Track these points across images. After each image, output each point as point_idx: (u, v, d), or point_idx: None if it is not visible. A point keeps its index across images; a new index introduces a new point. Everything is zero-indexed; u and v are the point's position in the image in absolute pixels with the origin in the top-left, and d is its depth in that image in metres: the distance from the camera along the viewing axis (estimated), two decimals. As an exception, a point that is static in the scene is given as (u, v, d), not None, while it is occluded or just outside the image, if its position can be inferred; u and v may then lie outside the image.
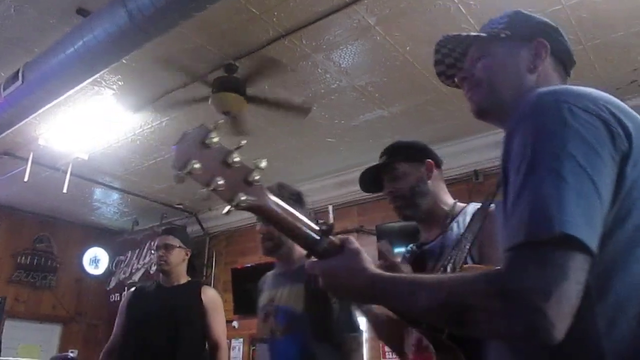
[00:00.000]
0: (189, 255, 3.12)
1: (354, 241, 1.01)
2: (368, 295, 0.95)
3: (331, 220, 1.31)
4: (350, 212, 5.71)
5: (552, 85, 1.00)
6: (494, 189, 1.04)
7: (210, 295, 3.03)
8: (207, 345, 2.99)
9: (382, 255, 1.42)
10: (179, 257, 3.02)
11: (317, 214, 6.08)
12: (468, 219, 1.55)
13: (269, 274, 2.45)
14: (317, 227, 1.01)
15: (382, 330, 1.72)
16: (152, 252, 3.15)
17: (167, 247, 2.99)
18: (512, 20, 1.12)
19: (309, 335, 2.10)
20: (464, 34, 1.13)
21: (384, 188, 1.71)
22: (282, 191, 2.30)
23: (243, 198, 0.91)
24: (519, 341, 0.81)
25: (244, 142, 0.95)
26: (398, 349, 1.73)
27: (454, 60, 1.21)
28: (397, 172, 1.68)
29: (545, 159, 0.79)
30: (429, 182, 1.68)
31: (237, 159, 0.93)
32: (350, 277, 0.95)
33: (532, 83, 1.05)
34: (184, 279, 3.06)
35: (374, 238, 5.27)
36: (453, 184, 4.98)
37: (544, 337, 0.71)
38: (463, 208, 1.66)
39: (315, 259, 1.01)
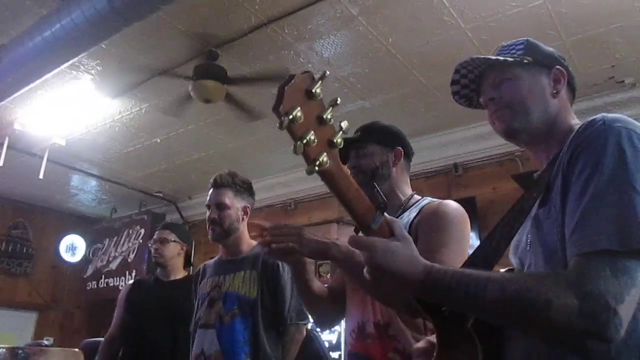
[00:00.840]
0: (185, 249, 3.21)
1: (402, 225, 1.02)
2: (416, 283, 0.94)
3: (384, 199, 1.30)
4: (331, 203, 5.71)
5: (571, 111, 1.16)
6: (535, 192, 1.07)
7: None
8: None
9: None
10: (173, 251, 3.11)
11: (297, 204, 6.10)
12: (415, 212, 1.59)
13: (209, 262, 2.50)
14: (375, 203, 0.98)
15: (316, 304, 1.74)
16: (150, 244, 3.20)
17: (162, 241, 3.09)
18: (528, 48, 1.20)
19: (258, 320, 2.15)
20: (493, 57, 1.19)
21: (348, 161, 1.73)
22: (234, 179, 2.33)
23: (325, 159, 0.86)
24: (587, 338, 0.85)
25: (339, 100, 0.89)
26: (327, 326, 1.81)
27: (469, 81, 1.26)
28: (364, 150, 1.71)
29: (622, 177, 0.88)
30: (393, 168, 1.71)
31: (330, 116, 0.87)
32: (404, 262, 0.95)
33: (556, 108, 1.15)
34: (181, 273, 3.16)
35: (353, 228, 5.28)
36: (433, 176, 5.05)
37: (613, 335, 0.81)
38: (418, 201, 1.68)
39: (364, 235, 0.99)
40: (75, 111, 4.53)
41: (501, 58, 1.17)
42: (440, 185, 4.91)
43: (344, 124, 0.90)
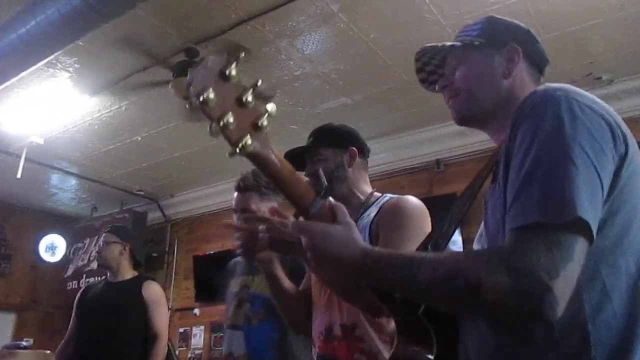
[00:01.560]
0: (127, 249, 3.24)
1: (346, 211, 0.99)
2: (355, 266, 0.92)
3: (325, 183, 1.29)
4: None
5: (540, 86, 1.07)
6: (484, 172, 1.05)
7: (151, 290, 3.17)
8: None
9: None
10: (114, 252, 3.17)
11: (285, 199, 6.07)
12: (375, 211, 1.59)
13: (239, 259, 2.42)
14: (314, 188, 0.98)
15: (288, 306, 1.75)
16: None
17: (105, 244, 3.19)
18: (485, 27, 1.17)
19: (285, 323, 2.11)
20: (440, 44, 1.17)
21: (305, 169, 1.73)
22: (259, 180, 2.28)
23: (249, 142, 0.84)
24: (521, 317, 0.81)
25: (260, 82, 0.88)
26: (299, 328, 1.80)
27: (434, 67, 1.25)
28: (318, 156, 1.71)
29: (557, 147, 0.84)
30: (349, 169, 1.71)
31: (251, 99, 0.86)
32: (341, 245, 0.93)
33: (508, 88, 1.11)
34: (129, 274, 3.21)
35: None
36: (414, 173, 5.07)
37: (548, 313, 0.75)
38: (378, 198, 1.68)
39: (303, 220, 0.97)
40: (53, 109, 4.46)
41: (448, 44, 1.15)
42: (422, 182, 4.94)
43: (270, 106, 0.89)
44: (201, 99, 0.80)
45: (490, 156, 1.07)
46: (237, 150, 0.84)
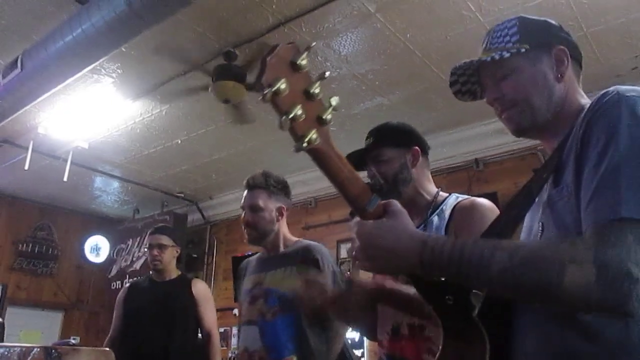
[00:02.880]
0: (179, 252, 3.36)
1: (398, 203, 0.96)
2: (412, 258, 0.89)
3: (381, 181, 1.28)
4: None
5: (578, 89, 1.10)
6: (545, 174, 1.02)
7: (201, 288, 3.26)
8: (200, 333, 3.20)
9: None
10: (171, 256, 3.24)
11: (317, 203, 6.10)
12: (448, 212, 1.55)
13: (251, 259, 2.48)
14: (371, 185, 0.94)
15: (353, 314, 1.71)
16: (145, 249, 3.33)
17: (161, 247, 3.20)
18: (523, 30, 1.12)
19: (301, 317, 2.12)
20: (484, 57, 1.11)
21: (367, 169, 1.68)
22: (268, 179, 2.31)
23: (314, 137, 0.81)
24: (604, 309, 0.78)
25: (327, 73, 0.84)
26: (369, 334, 1.74)
27: (467, 77, 1.21)
28: (381, 157, 1.65)
29: (639, 146, 0.83)
30: (412, 169, 1.65)
31: (318, 91, 0.82)
32: (395, 238, 0.91)
33: (562, 92, 1.09)
34: (174, 273, 3.28)
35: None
36: (453, 172, 5.01)
37: (631, 308, 0.74)
38: (445, 198, 1.63)
39: (359, 219, 0.95)
40: (96, 114, 4.59)
41: (497, 57, 1.08)
42: (461, 181, 4.87)
43: (334, 100, 0.85)
44: (273, 89, 0.77)
45: (548, 159, 1.05)
46: (304, 144, 0.80)
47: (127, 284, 3.59)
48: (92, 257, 7.29)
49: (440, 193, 1.67)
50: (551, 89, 1.08)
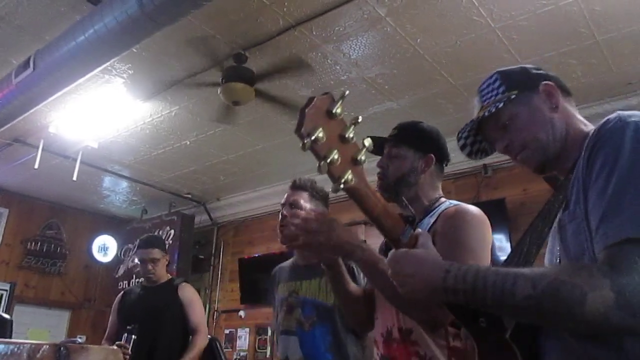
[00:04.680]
0: (168, 260, 3.58)
1: (428, 235, 1.03)
2: (437, 285, 0.96)
3: (413, 213, 1.30)
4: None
5: (575, 116, 1.16)
6: (562, 195, 1.06)
7: (186, 291, 3.42)
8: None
9: None
10: (163, 266, 3.43)
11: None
12: (435, 217, 1.56)
13: (284, 265, 2.45)
14: (404, 217, 1.00)
15: (352, 307, 1.74)
16: (135, 261, 3.47)
17: (154, 261, 3.37)
18: (505, 81, 1.20)
19: (338, 326, 2.13)
20: (477, 116, 1.20)
21: (381, 157, 1.71)
22: (313, 185, 2.32)
23: (350, 177, 0.87)
24: (623, 330, 0.83)
25: (360, 118, 0.91)
26: (362, 328, 1.80)
27: (473, 136, 1.28)
28: (396, 152, 1.68)
29: None
30: (421, 175, 1.67)
31: (352, 135, 0.88)
32: (420, 265, 0.98)
33: (562, 121, 1.14)
34: (165, 278, 3.46)
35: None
36: (462, 178, 4.99)
37: None
38: (441, 204, 1.64)
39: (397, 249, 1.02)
40: (107, 114, 4.62)
41: (493, 109, 1.15)
42: (469, 187, 4.86)
43: (367, 142, 0.91)
44: (312, 138, 0.82)
45: (561, 183, 1.10)
46: (341, 186, 0.86)
47: (122, 292, 3.73)
48: (99, 257, 7.33)
49: (441, 199, 1.67)
50: (551, 121, 1.14)
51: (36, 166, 5.07)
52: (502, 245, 4.34)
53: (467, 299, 0.95)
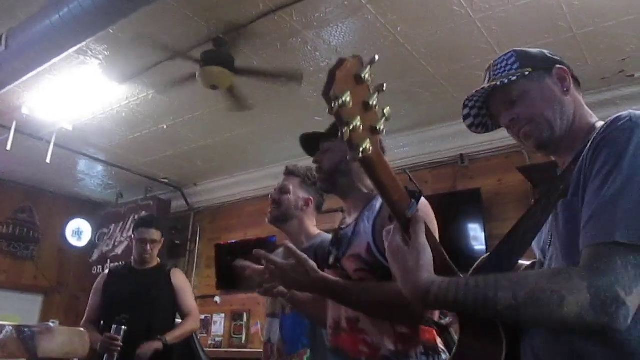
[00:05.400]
0: (163, 242, 3.48)
1: (423, 229, 1.02)
2: (421, 297, 0.97)
3: (419, 189, 1.31)
4: (335, 192, 5.73)
5: (585, 106, 1.18)
6: (561, 185, 1.07)
7: (179, 278, 3.38)
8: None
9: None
10: (158, 248, 3.35)
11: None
12: (378, 206, 1.60)
13: (278, 251, 2.48)
14: (409, 192, 0.99)
15: (318, 317, 1.80)
16: (133, 238, 3.35)
17: (153, 242, 3.29)
18: (521, 58, 1.20)
19: None
20: (498, 82, 1.18)
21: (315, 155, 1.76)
22: (306, 172, 2.36)
23: (368, 146, 0.84)
24: (598, 327, 0.87)
25: (385, 86, 0.88)
26: (320, 322, 1.82)
27: (478, 109, 1.27)
28: (327, 145, 1.73)
29: None
30: (353, 164, 1.67)
31: (375, 102, 0.86)
32: (406, 276, 0.99)
33: (572, 106, 1.16)
34: (154, 262, 3.37)
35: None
36: (438, 167, 5.03)
37: (621, 325, 0.85)
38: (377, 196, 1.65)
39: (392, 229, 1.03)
40: (82, 96, 4.53)
41: (506, 81, 1.16)
42: (445, 177, 4.90)
43: (387, 110, 0.89)
44: (340, 102, 0.80)
45: (563, 172, 1.10)
46: (360, 154, 0.84)
47: (107, 270, 3.62)
48: (73, 241, 7.23)
49: None
50: (561, 102, 1.15)
51: (8, 148, 4.96)
52: (477, 235, 4.39)
53: (449, 309, 1.01)
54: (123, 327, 2.82)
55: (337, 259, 1.65)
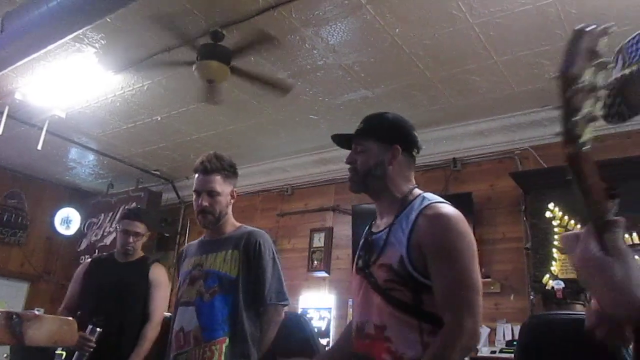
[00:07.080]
0: (149, 236, 3.40)
1: (620, 237, 0.77)
2: (629, 317, 0.74)
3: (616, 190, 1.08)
4: (327, 190, 5.74)
5: None
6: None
7: (157, 273, 3.27)
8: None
9: None
10: (141, 242, 3.28)
11: (293, 190, 6.10)
12: (413, 216, 1.56)
13: (192, 243, 2.52)
14: (609, 192, 0.83)
15: None
16: (117, 228, 3.29)
17: (137, 235, 3.22)
18: None
19: (239, 299, 2.16)
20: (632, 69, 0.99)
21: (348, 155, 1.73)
22: (223, 163, 2.32)
23: (587, 138, 0.67)
24: None
25: (610, 65, 0.72)
26: None
27: (613, 98, 1.07)
28: (361, 146, 1.69)
29: None
30: (389, 167, 1.66)
31: (602, 82, 0.69)
32: (624, 287, 0.74)
33: None
34: (138, 255, 3.30)
35: (349, 217, 5.31)
36: (431, 170, 5.05)
37: None
38: (416, 197, 1.64)
39: (586, 231, 0.76)
40: (76, 84, 4.50)
41: None
42: (437, 180, 4.92)
43: (602, 92, 0.71)
44: (578, 80, 0.66)
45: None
46: (576, 147, 0.68)
47: (89, 259, 3.56)
48: (62, 229, 7.19)
49: (414, 191, 1.67)
50: None
51: None
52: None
53: None
54: (98, 329, 2.76)
55: (366, 264, 1.61)
